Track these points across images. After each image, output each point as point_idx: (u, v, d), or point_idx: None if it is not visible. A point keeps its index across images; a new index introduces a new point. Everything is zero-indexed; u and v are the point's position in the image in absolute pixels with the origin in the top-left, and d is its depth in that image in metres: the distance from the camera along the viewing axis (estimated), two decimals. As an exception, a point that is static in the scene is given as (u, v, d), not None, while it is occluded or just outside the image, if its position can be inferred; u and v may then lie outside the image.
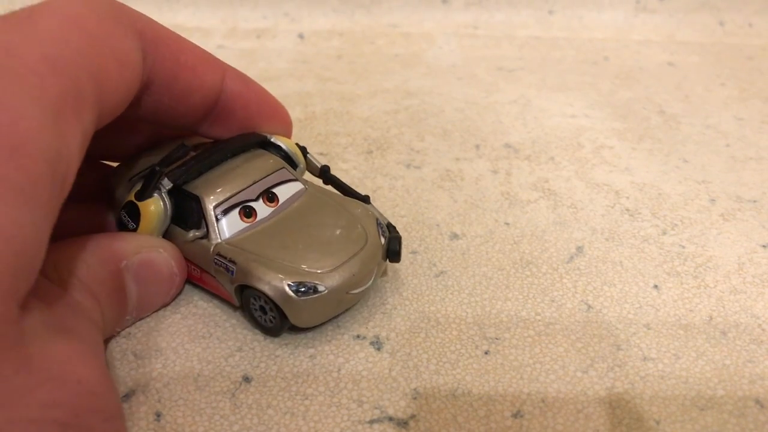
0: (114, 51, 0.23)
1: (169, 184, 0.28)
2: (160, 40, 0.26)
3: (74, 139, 0.20)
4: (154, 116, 0.28)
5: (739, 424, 0.25)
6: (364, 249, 0.28)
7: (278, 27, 0.64)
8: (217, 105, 0.29)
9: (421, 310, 0.30)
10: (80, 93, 0.20)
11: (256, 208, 0.29)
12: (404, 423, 0.24)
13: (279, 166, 0.30)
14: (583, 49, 0.62)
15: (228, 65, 0.30)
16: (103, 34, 0.22)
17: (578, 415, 0.25)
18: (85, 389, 0.19)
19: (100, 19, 0.23)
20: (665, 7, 0.65)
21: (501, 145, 0.44)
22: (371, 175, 0.40)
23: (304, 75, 0.55)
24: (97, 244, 0.26)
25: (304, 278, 0.26)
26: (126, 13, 0.24)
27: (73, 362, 0.19)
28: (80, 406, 0.18)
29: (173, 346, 0.27)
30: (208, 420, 0.24)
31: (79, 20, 0.22)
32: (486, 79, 0.55)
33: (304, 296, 0.26)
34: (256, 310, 0.28)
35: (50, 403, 0.17)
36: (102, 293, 0.25)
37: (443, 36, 0.64)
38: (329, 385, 0.26)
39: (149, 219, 0.28)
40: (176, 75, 0.27)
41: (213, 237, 0.28)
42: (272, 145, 0.32)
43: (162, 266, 0.28)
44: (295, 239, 0.28)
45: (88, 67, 0.21)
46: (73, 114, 0.20)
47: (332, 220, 0.29)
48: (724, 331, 0.29)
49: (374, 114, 0.48)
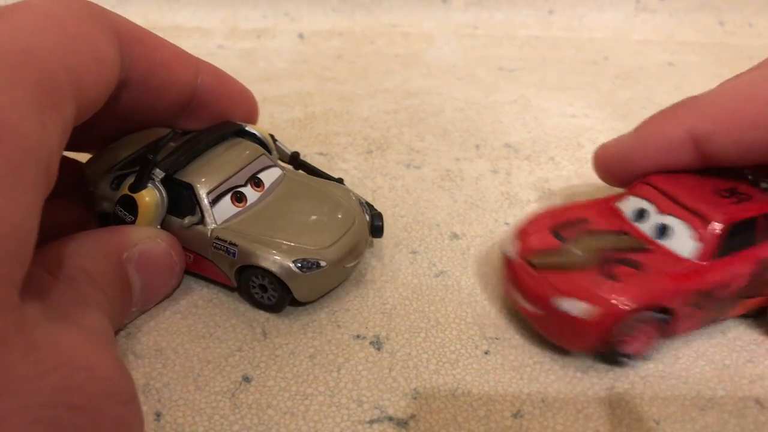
0: (91, 48, 0.23)
1: (161, 173, 0.29)
2: (137, 39, 0.27)
3: (54, 129, 0.20)
4: (131, 112, 0.29)
5: (739, 424, 0.25)
6: (354, 225, 0.30)
7: (278, 27, 0.64)
8: (192, 100, 0.30)
9: (421, 310, 0.30)
10: (58, 86, 0.21)
11: (245, 193, 0.30)
12: (404, 423, 0.24)
13: (259, 153, 0.32)
14: (583, 49, 0.62)
15: (201, 61, 0.31)
16: (80, 31, 0.23)
17: (578, 415, 0.25)
18: (98, 375, 0.19)
19: (77, 17, 0.23)
20: (665, 7, 0.65)
21: (501, 145, 0.44)
22: (371, 175, 0.40)
23: (304, 75, 0.55)
24: (98, 239, 0.27)
25: (307, 255, 0.28)
26: (102, 14, 0.25)
27: (84, 350, 0.19)
28: (93, 391, 0.18)
29: (173, 346, 0.27)
30: (208, 420, 0.24)
31: (56, 18, 0.22)
32: (486, 79, 0.55)
33: (309, 271, 0.28)
34: (256, 289, 0.29)
35: (62, 388, 0.17)
36: (108, 286, 0.25)
37: (443, 36, 0.64)
38: (329, 385, 0.26)
39: (147, 210, 0.28)
40: (152, 73, 0.28)
41: (208, 222, 0.29)
42: (247, 133, 0.33)
43: (162, 256, 0.28)
44: (289, 220, 0.30)
45: (66, 62, 0.21)
46: (52, 106, 0.20)
47: (318, 201, 0.31)
48: (724, 331, 0.29)
49: (374, 114, 0.48)
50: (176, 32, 0.61)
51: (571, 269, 0.27)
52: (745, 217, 0.27)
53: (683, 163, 0.30)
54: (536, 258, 0.28)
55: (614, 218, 0.30)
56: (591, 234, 0.29)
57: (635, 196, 0.30)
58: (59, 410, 0.17)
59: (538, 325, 0.27)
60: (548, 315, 0.26)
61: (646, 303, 0.25)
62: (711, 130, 0.28)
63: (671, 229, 0.28)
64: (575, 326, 0.25)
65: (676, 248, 0.27)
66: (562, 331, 0.26)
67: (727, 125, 0.28)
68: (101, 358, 0.19)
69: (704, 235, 0.27)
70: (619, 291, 0.25)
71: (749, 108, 0.27)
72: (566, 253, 0.28)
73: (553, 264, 0.27)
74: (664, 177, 0.30)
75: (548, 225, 0.29)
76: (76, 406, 0.18)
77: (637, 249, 0.28)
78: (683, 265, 0.27)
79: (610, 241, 0.28)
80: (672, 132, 0.29)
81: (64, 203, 0.31)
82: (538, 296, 0.27)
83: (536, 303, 0.27)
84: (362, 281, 0.31)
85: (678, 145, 0.29)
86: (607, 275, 0.26)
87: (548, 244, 0.28)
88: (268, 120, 0.47)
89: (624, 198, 0.30)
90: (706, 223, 0.27)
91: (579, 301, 0.25)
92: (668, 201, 0.29)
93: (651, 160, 0.30)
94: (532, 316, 0.27)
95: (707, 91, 0.30)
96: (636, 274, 0.26)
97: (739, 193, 0.29)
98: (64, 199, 0.31)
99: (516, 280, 0.28)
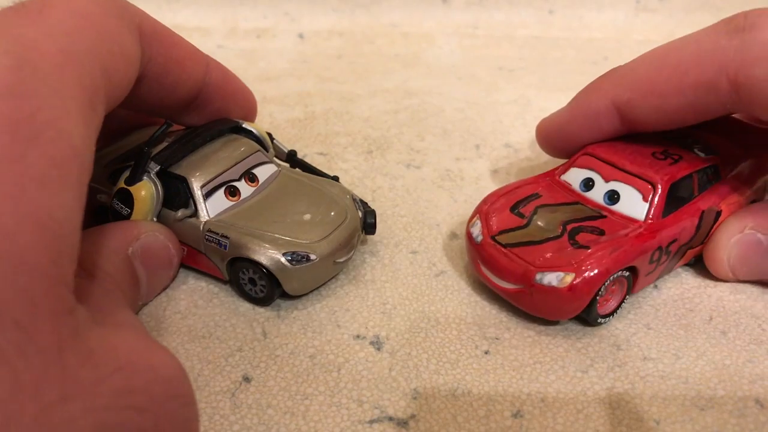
0: (119, 46, 0.23)
1: (156, 166, 0.29)
2: (155, 36, 0.27)
3: (92, 128, 0.21)
4: (142, 106, 0.30)
5: (739, 424, 0.25)
6: (345, 221, 0.30)
7: (278, 27, 0.64)
8: (199, 96, 0.31)
9: (421, 310, 0.30)
10: (96, 86, 0.21)
11: (239, 187, 0.31)
12: (404, 423, 0.24)
13: (255, 149, 0.32)
14: (583, 49, 0.62)
15: (210, 58, 0.31)
16: (109, 29, 0.23)
17: (578, 415, 0.25)
18: (159, 375, 0.19)
19: (106, 14, 0.23)
20: (665, 7, 0.65)
21: (501, 145, 0.44)
22: (371, 175, 0.40)
23: (304, 75, 0.55)
24: (105, 235, 0.27)
25: (297, 248, 0.28)
26: (127, 9, 0.25)
27: (140, 350, 0.19)
28: (156, 392, 0.18)
29: (173, 346, 0.27)
30: (208, 420, 0.24)
31: (88, 15, 0.22)
32: (486, 79, 0.55)
33: (298, 264, 0.28)
34: (246, 282, 0.29)
35: (124, 391, 0.17)
36: (123, 281, 0.26)
37: (443, 36, 0.64)
38: (329, 385, 0.26)
39: (142, 203, 0.29)
40: (167, 69, 0.28)
41: (202, 215, 0.29)
42: (244, 130, 0.33)
43: (161, 249, 0.29)
44: (281, 214, 0.30)
45: (101, 62, 0.22)
46: (91, 106, 0.21)
47: (311, 197, 0.31)
48: (724, 331, 0.29)
49: (374, 114, 0.48)
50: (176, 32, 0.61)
51: (540, 243, 0.28)
52: (683, 175, 0.30)
53: (612, 130, 0.32)
54: (503, 237, 0.29)
55: (563, 191, 0.31)
56: (547, 207, 0.30)
57: (578, 167, 0.32)
58: (124, 413, 0.17)
59: (519, 302, 0.28)
60: (530, 290, 0.27)
61: (619, 264, 0.27)
62: (630, 98, 0.30)
63: (619, 194, 0.30)
64: (560, 297, 0.27)
65: (628, 211, 0.29)
66: (547, 303, 0.27)
67: (643, 92, 0.29)
68: (158, 356, 0.19)
69: (651, 196, 0.29)
70: (594, 257, 0.27)
71: (660, 75, 0.29)
72: (531, 227, 0.29)
73: (521, 240, 0.29)
74: (601, 146, 0.32)
75: (505, 204, 0.31)
76: (141, 409, 0.17)
77: (594, 217, 0.30)
78: (639, 226, 0.29)
79: (567, 212, 0.30)
80: (597, 102, 0.31)
81: None
82: (517, 274, 0.27)
83: (515, 280, 0.28)
84: (362, 281, 0.31)
85: (604, 114, 0.31)
86: (575, 244, 0.28)
87: (511, 222, 0.30)
88: (268, 120, 0.47)
89: (568, 170, 0.32)
90: (651, 185, 0.29)
91: (559, 273, 0.27)
92: (611, 168, 0.30)
93: (584, 130, 0.32)
94: (511, 293, 0.28)
95: (627, 62, 0.31)
96: (602, 240, 0.28)
97: (672, 154, 0.31)
98: None
99: (489, 261, 0.29)
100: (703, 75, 0.27)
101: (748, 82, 0.26)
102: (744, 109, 0.28)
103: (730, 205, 0.31)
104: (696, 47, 0.28)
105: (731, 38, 0.26)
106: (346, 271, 0.32)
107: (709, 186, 0.31)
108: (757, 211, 0.31)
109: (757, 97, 0.26)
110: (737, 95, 0.26)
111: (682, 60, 0.28)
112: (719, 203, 0.31)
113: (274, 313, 0.29)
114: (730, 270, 0.31)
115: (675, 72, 0.28)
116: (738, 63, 0.26)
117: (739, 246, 0.30)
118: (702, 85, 0.27)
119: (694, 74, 0.27)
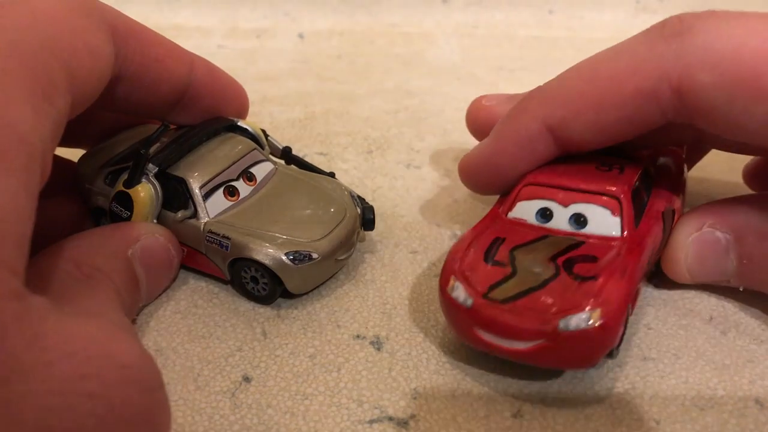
0: (85, 42, 0.23)
1: (154, 168, 0.29)
2: (132, 34, 0.27)
3: (47, 119, 0.20)
4: (124, 106, 0.29)
5: (739, 424, 0.25)
6: (345, 219, 0.30)
7: (278, 27, 0.64)
8: (185, 94, 0.31)
9: (421, 310, 0.30)
10: (51, 77, 0.21)
11: (238, 187, 0.31)
12: (404, 423, 0.24)
13: (251, 148, 0.32)
14: (583, 49, 0.62)
15: (196, 56, 0.31)
16: (73, 25, 0.23)
17: (578, 415, 0.25)
18: (116, 362, 0.19)
19: (71, 11, 0.23)
20: (665, 7, 0.65)
21: (501, 145, 0.44)
22: (371, 175, 0.40)
23: (304, 75, 0.55)
24: (106, 236, 0.27)
25: (299, 247, 0.28)
26: (98, 8, 0.25)
27: (101, 339, 0.19)
28: (111, 378, 0.18)
29: (173, 346, 0.28)
30: (208, 420, 0.24)
31: (49, 13, 0.22)
32: (486, 79, 0.55)
33: (301, 263, 0.28)
34: (248, 281, 0.29)
35: (74, 376, 0.17)
36: (121, 283, 0.25)
37: (443, 36, 0.64)
38: (329, 385, 0.26)
39: (142, 205, 0.29)
40: (146, 67, 0.28)
41: (201, 216, 0.29)
42: (239, 128, 0.33)
43: (161, 250, 0.29)
44: (281, 213, 0.30)
45: (59, 55, 0.22)
46: (44, 96, 0.20)
47: (310, 194, 0.31)
48: (724, 331, 0.29)
49: (374, 114, 0.48)
50: (176, 32, 0.61)
51: (541, 287, 0.25)
52: (634, 181, 0.28)
53: (547, 154, 0.29)
54: (497, 292, 0.25)
55: (523, 228, 0.28)
56: (521, 248, 0.27)
57: (526, 200, 0.29)
58: (72, 398, 0.17)
59: (539, 359, 0.24)
60: (554, 342, 0.23)
61: (633, 285, 0.25)
62: (563, 116, 0.28)
63: (585, 216, 0.27)
64: (592, 339, 0.23)
65: (602, 231, 0.27)
66: (576, 350, 0.24)
67: (577, 108, 0.27)
68: (122, 347, 0.19)
69: (621, 209, 0.27)
70: (610, 285, 0.24)
71: (595, 88, 0.27)
72: (521, 274, 0.25)
73: (520, 290, 0.25)
74: (541, 173, 0.29)
75: (476, 257, 0.27)
76: (91, 394, 0.17)
77: (574, 245, 0.27)
78: (623, 242, 0.27)
79: (544, 248, 0.27)
80: (528, 126, 0.29)
81: (58, 200, 0.32)
82: (532, 329, 0.24)
83: (531, 336, 0.24)
84: (362, 281, 0.31)
85: (537, 137, 0.29)
86: (579, 278, 0.25)
87: (495, 273, 0.26)
88: (268, 120, 0.47)
89: (514, 207, 0.29)
90: (615, 198, 0.27)
91: (584, 313, 0.23)
92: (565, 192, 0.28)
93: (516, 159, 0.29)
94: (528, 352, 0.24)
95: (552, 79, 0.29)
96: (603, 265, 0.25)
97: (612, 164, 0.29)
98: (58, 197, 0.32)
99: (491, 323, 0.24)
100: (642, 84, 0.25)
101: (693, 88, 0.24)
102: (685, 118, 0.26)
103: (677, 204, 0.30)
104: (631, 56, 0.26)
105: (669, 44, 0.25)
106: (346, 271, 0.32)
107: (652, 189, 0.30)
108: (717, 207, 0.29)
109: (703, 104, 0.25)
110: (681, 102, 0.25)
111: (617, 70, 0.26)
112: (671, 202, 0.29)
113: (274, 313, 0.29)
114: (687, 271, 0.29)
115: (611, 83, 0.26)
116: (680, 69, 0.24)
117: (696, 245, 0.28)
118: (641, 95, 0.25)
119: (632, 84, 0.26)
